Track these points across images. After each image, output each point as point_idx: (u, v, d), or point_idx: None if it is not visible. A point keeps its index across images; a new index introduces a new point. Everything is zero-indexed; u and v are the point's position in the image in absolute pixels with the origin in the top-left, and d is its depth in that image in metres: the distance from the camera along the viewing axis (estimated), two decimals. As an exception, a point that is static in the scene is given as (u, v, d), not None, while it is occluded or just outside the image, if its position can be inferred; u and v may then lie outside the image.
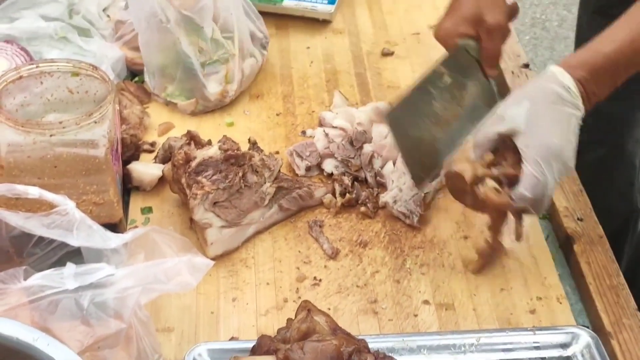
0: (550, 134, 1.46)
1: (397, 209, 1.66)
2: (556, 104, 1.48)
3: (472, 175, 1.48)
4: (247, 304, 1.50)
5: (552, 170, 1.45)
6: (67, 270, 1.25)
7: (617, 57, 1.49)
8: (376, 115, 1.81)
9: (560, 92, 1.48)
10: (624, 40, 1.49)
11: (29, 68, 1.52)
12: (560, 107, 1.48)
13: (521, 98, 1.51)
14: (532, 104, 1.48)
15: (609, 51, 1.49)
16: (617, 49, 1.49)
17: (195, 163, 1.54)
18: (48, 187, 1.33)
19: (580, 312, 1.53)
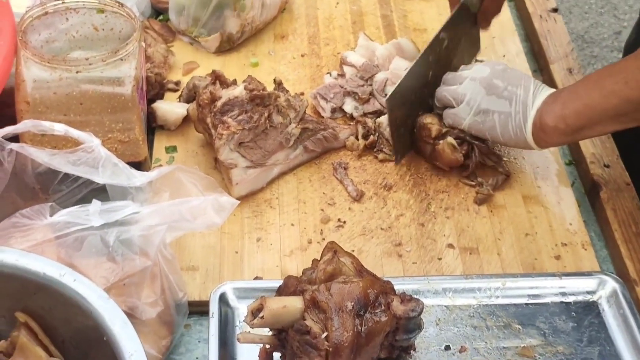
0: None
1: (381, 131, 1.69)
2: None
3: (437, 130, 1.61)
4: (271, 244, 1.50)
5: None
6: (92, 207, 1.26)
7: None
8: (396, 50, 1.81)
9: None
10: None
11: (54, 4, 1.51)
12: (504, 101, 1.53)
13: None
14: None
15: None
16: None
17: (220, 103, 1.53)
18: (74, 124, 1.32)
19: (605, 258, 1.53)
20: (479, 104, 1.55)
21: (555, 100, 1.49)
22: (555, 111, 1.48)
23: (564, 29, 1.98)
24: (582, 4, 4.24)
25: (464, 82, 1.58)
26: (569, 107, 1.46)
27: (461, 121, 1.58)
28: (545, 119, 1.48)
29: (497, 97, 1.54)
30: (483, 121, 1.55)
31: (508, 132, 1.53)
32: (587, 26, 4.10)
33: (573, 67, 1.86)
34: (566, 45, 1.92)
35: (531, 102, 1.51)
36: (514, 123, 1.52)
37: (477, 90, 1.56)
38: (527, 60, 1.92)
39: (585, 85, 1.48)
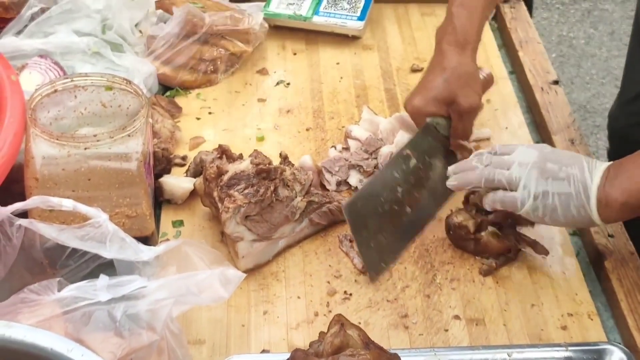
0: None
1: None
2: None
3: (474, 223, 1.60)
4: (278, 317, 1.50)
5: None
6: (100, 282, 1.27)
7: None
8: (399, 124, 1.83)
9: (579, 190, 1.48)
10: None
11: (63, 82, 1.54)
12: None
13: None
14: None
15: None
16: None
17: (227, 177, 1.55)
18: (82, 200, 1.34)
19: (611, 329, 1.53)
20: (536, 188, 1.50)
21: (618, 174, 1.46)
22: (622, 186, 1.45)
23: (565, 100, 2.00)
24: (584, 75, 4.29)
25: (512, 167, 1.52)
26: (637, 181, 1.44)
27: (518, 206, 1.51)
28: (612, 195, 1.45)
29: (553, 179, 1.49)
30: (544, 205, 1.50)
31: (571, 212, 1.48)
32: (589, 96, 4.15)
33: (575, 138, 1.88)
34: (568, 117, 1.94)
35: (590, 180, 1.47)
36: (576, 203, 1.47)
37: (531, 174, 1.50)
38: (530, 131, 1.94)
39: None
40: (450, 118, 1.68)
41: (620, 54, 4.25)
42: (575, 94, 4.15)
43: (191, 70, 2.01)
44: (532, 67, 2.09)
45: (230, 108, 1.98)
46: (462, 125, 1.69)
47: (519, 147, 1.56)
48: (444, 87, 1.66)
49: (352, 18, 2.18)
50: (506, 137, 1.90)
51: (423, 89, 1.69)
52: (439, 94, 1.66)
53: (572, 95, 4.11)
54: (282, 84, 2.06)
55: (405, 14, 2.30)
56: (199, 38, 1.99)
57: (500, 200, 1.54)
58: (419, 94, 1.69)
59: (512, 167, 1.52)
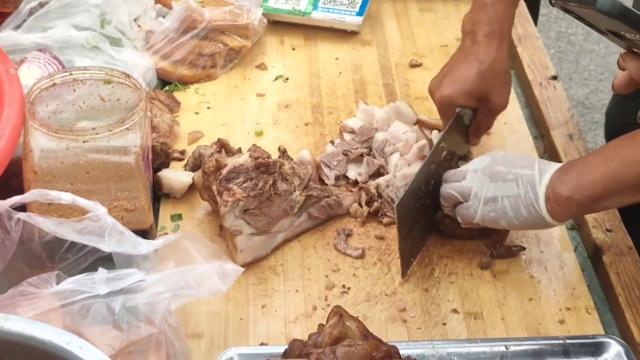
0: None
1: (387, 193, 1.68)
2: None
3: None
4: (276, 311, 1.50)
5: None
6: (98, 276, 1.27)
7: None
8: (395, 114, 1.83)
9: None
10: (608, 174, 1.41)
11: (62, 75, 1.54)
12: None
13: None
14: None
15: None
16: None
17: (226, 170, 1.55)
18: (80, 193, 1.34)
19: (609, 323, 1.53)
20: (485, 194, 1.50)
21: (568, 171, 1.45)
22: (570, 181, 1.43)
23: (564, 95, 2.00)
24: (582, 71, 4.29)
25: (466, 175, 1.54)
26: (585, 177, 1.41)
27: (473, 215, 1.53)
28: (560, 190, 1.43)
29: (502, 182, 1.49)
30: (494, 209, 1.50)
31: (521, 213, 1.48)
32: (588, 92, 4.15)
33: (574, 133, 1.88)
34: (566, 112, 1.94)
35: (538, 179, 1.47)
36: (525, 203, 1.47)
37: (481, 181, 1.51)
38: (528, 126, 1.94)
39: (602, 155, 1.43)
40: (475, 109, 1.66)
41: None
42: (574, 90, 4.15)
43: (190, 65, 2.01)
44: (531, 62, 2.09)
45: (229, 103, 1.98)
46: (487, 121, 1.68)
47: (476, 158, 1.58)
48: (479, 83, 1.61)
49: (351, 13, 2.18)
50: (505, 132, 1.90)
51: (455, 79, 1.63)
52: (473, 88, 1.61)
53: (570, 92, 4.12)
54: (281, 79, 2.06)
55: (404, 9, 2.30)
56: (198, 33, 1.99)
57: (460, 215, 1.55)
58: (450, 84, 1.63)
59: (466, 177, 1.54)
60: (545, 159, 1.76)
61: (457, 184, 1.55)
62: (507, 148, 1.83)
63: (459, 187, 1.54)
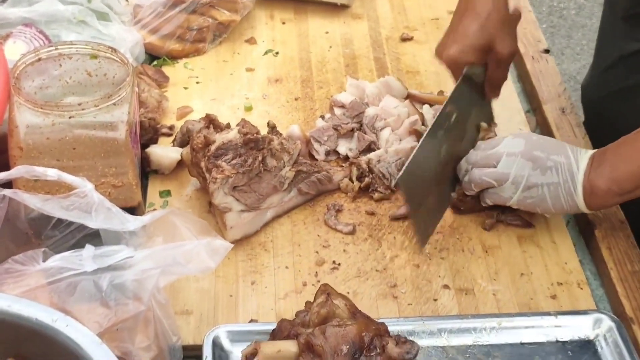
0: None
1: (379, 169, 1.67)
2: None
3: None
4: (266, 287, 1.49)
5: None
6: (85, 252, 1.25)
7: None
8: (385, 89, 1.82)
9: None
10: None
11: (47, 50, 1.52)
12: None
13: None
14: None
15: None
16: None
17: (214, 147, 1.54)
18: (67, 169, 1.32)
19: (601, 297, 1.52)
20: (527, 180, 1.52)
21: (602, 163, 1.49)
22: (605, 175, 1.47)
23: (556, 69, 1.99)
24: (574, 46, 4.27)
25: (502, 159, 1.54)
26: (620, 170, 1.47)
27: (507, 200, 1.55)
28: (597, 183, 1.48)
29: (542, 169, 1.51)
30: (533, 196, 1.53)
31: (560, 202, 1.52)
32: (579, 67, 4.13)
33: (566, 107, 1.87)
34: (558, 86, 1.93)
35: (576, 168, 1.50)
36: (564, 192, 1.50)
37: (522, 166, 1.52)
38: (520, 100, 1.93)
39: (634, 145, 1.48)
40: (485, 65, 1.64)
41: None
42: (566, 65, 4.13)
43: (179, 40, 1.99)
44: (523, 35, 2.07)
45: (218, 77, 1.96)
46: (500, 72, 1.66)
47: (505, 139, 1.57)
48: (481, 34, 1.59)
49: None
50: (497, 106, 1.87)
51: (458, 37, 1.61)
52: (476, 41, 1.59)
53: (562, 66, 4.10)
54: (271, 53, 2.04)
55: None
56: (187, 7, 1.97)
57: (491, 198, 1.57)
58: (454, 42, 1.61)
59: (500, 160, 1.54)
60: (538, 133, 1.76)
61: (492, 170, 1.55)
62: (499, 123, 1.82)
63: (495, 173, 1.54)
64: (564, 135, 1.79)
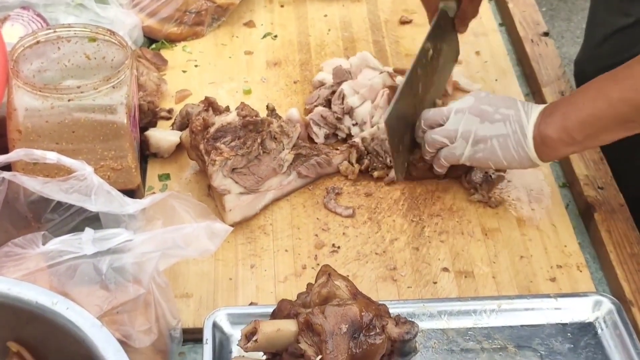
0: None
1: (373, 146, 1.67)
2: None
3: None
4: (266, 270, 1.49)
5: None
6: (85, 235, 1.25)
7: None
8: (362, 61, 1.82)
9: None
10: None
11: (46, 33, 1.51)
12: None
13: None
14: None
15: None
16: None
17: (213, 129, 1.53)
18: (66, 153, 1.32)
19: (600, 280, 1.52)
20: (475, 134, 1.53)
21: (554, 112, 1.49)
22: (556, 123, 1.47)
23: (555, 52, 1.98)
24: (574, 29, 4.26)
25: (450, 116, 1.55)
26: (571, 118, 1.46)
27: (459, 157, 1.56)
28: (547, 132, 1.48)
29: (490, 122, 1.53)
30: (483, 149, 1.53)
31: (510, 153, 1.52)
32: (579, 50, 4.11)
33: (565, 90, 1.86)
34: (557, 69, 1.92)
35: (526, 119, 1.50)
36: (514, 142, 1.51)
37: (470, 121, 1.54)
38: (520, 84, 1.92)
39: (586, 95, 1.47)
40: (458, 1, 1.72)
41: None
42: (565, 48, 4.12)
43: (177, 23, 1.98)
44: (522, 18, 2.07)
45: (217, 61, 1.96)
46: (472, 7, 1.72)
47: (458, 99, 1.60)
48: None
49: (340, -31, 2.15)
50: (497, 88, 1.88)
51: None
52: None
53: (562, 50, 4.08)
54: (270, 37, 2.03)
55: (394, -35, 2.27)
56: (185, -10, 1.96)
57: (445, 157, 1.58)
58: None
59: (450, 117, 1.56)
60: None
61: (441, 128, 1.56)
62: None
63: (444, 131, 1.56)
64: (564, 118, 1.79)
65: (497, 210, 1.61)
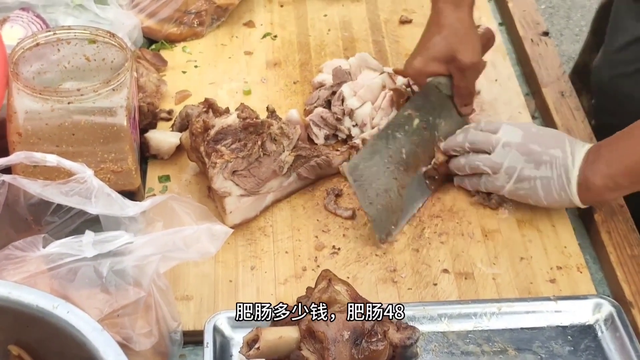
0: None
1: None
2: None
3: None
4: (266, 272, 1.49)
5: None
6: (85, 238, 1.25)
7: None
8: (361, 62, 1.82)
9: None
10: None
11: (45, 35, 1.51)
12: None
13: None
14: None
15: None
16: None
17: (213, 131, 1.53)
18: (66, 155, 1.32)
19: (600, 281, 1.52)
20: (520, 172, 1.53)
21: (597, 158, 1.49)
22: (601, 171, 1.48)
23: (555, 52, 1.98)
24: (573, 27, 4.26)
25: (497, 148, 1.55)
26: (615, 166, 1.47)
27: (499, 188, 1.57)
28: (592, 179, 1.49)
29: (536, 163, 1.52)
30: (525, 188, 1.54)
31: (552, 196, 1.53)
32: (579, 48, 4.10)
33: (565, 90, 1.86)
34: (557, 69, 1.92)
35: (571, 163, 1.50)
36: (557, 186, 1.51)
37: (515, 158, 1.53)
38: (519, 83, 1.92)
39: (630, 142, 1.48)
40: (451, 77, 1.67)
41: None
42: (565, 46, 4.12)
43: (177, 23, 1.98)
44: (522, 18, 2.07)
45: (217, 61, 1.96)
46: (464, 83, 1.67)
47: (504, 125, 1.58)
48: (443, 45, 1.63)
49: (340, -31, 2.15)
50: (496, 89, 1.88)
51: (422, 50, 1.66)
52: (438, 52, 1.63)
53: (561, 47, 4.08)
54: (269, 37, 2.03)
55: (394, -36, 2.27)
56: (185, -10, 1.96)
57: (484, 185, 1.59)
58: (418, 54, 1.66)
59: (496, 148, 1.55)
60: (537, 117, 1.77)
61: (486, 157, 1.56)
62: (498, 106, 1.82)
63: (490, 161, 1.56)
64: (563, 119, 1.79)
65: (497, 212, 1.61)
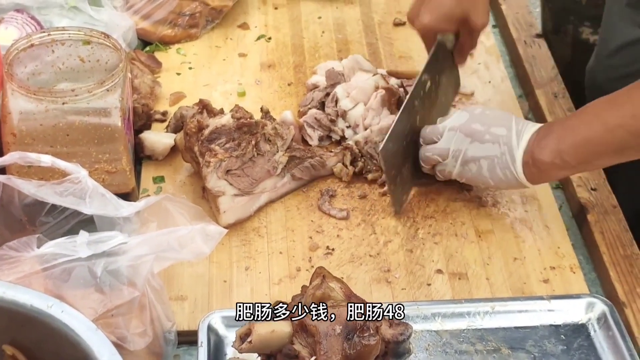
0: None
1: (367, 149, 1.68)
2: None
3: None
4: (260, 272, 1.49)
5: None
6: (79, 238, 1.25)
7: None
8: (354, 64, 1.83)
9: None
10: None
11: (40, 36, 1.51)
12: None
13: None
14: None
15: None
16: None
17: (208, 131, 1.54)
18: (60, 156, 1.33)
19: (593, 281, 1.53)
20: (465, 154, 1.53)
21: (548, 135, 1.47)
22: (550, 146, 1.45)
23: (549, 54, 1.99)
24: (567, 30, 4.26)
25: (444, 133, 1.55)
26: (566, 142, 1.44)
27: (450, 173, 1.57)
28: (540, 156, 1.46)
29: (480, 142, 1.52)
30: (471, 169, 1.54)
31: (497, 175, 1.51)
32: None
33: (558, 92, 1.87)
34: (551, 70, 1.93)
35: (516, 141, 1.49)
36: (501, 164, 1.50)
37: (460, 140, 1.53)
38: (513, 85, 1.93)
39: (582, 119, 1.46)
40: (456, 33, 1.69)
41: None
42: (558, 49, 4.12)
43: (171, 25, 1.99)
44: (516, 20, 2.08)
45: (211, 63, 1.96)
46: (471, 41, 1.70)
47: (455, 113, 1.60)
48: (456, 5, 1.62)
49: (334, -29, 2.16)
50: (489, 91, 1.89)
51: (432, 6, 1.64)
52: (451, 11, 1.63)
53: (555, 50, 4.09)
54: (263, 39, 2.03)
55: (388, -33, 2.28)
56: (179, -8, 1.97)
57: (439, 172, 1.59)
58: (428, 11, 1.64)
59: (443, 135, 1.56)
60: (530, 118, 1.77)
61: (434, 146, 1.57)
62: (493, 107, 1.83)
63: (437, 149, 1.56)
64: (557, 120, 1.80)
65: (491, 212, 1.62)
